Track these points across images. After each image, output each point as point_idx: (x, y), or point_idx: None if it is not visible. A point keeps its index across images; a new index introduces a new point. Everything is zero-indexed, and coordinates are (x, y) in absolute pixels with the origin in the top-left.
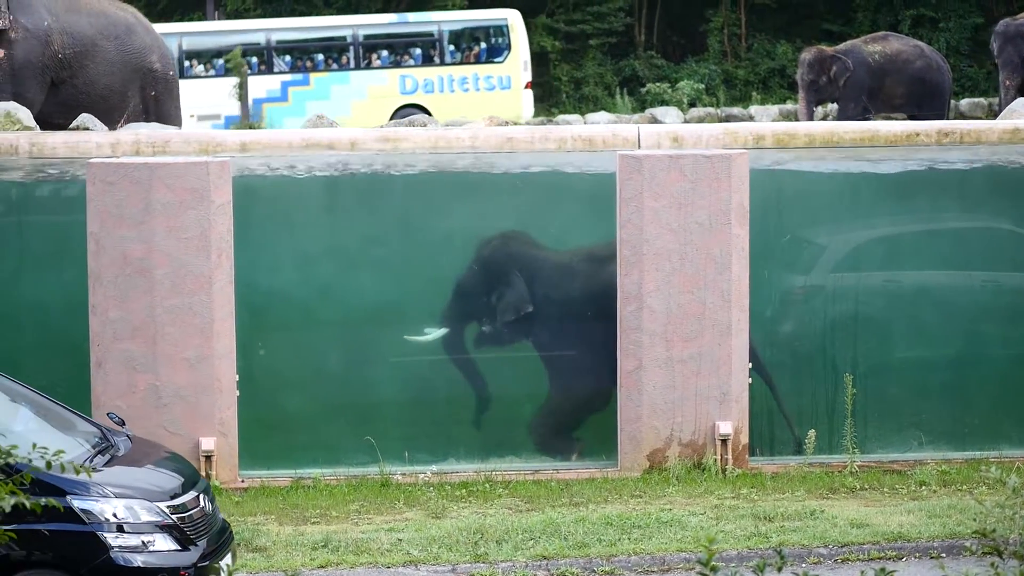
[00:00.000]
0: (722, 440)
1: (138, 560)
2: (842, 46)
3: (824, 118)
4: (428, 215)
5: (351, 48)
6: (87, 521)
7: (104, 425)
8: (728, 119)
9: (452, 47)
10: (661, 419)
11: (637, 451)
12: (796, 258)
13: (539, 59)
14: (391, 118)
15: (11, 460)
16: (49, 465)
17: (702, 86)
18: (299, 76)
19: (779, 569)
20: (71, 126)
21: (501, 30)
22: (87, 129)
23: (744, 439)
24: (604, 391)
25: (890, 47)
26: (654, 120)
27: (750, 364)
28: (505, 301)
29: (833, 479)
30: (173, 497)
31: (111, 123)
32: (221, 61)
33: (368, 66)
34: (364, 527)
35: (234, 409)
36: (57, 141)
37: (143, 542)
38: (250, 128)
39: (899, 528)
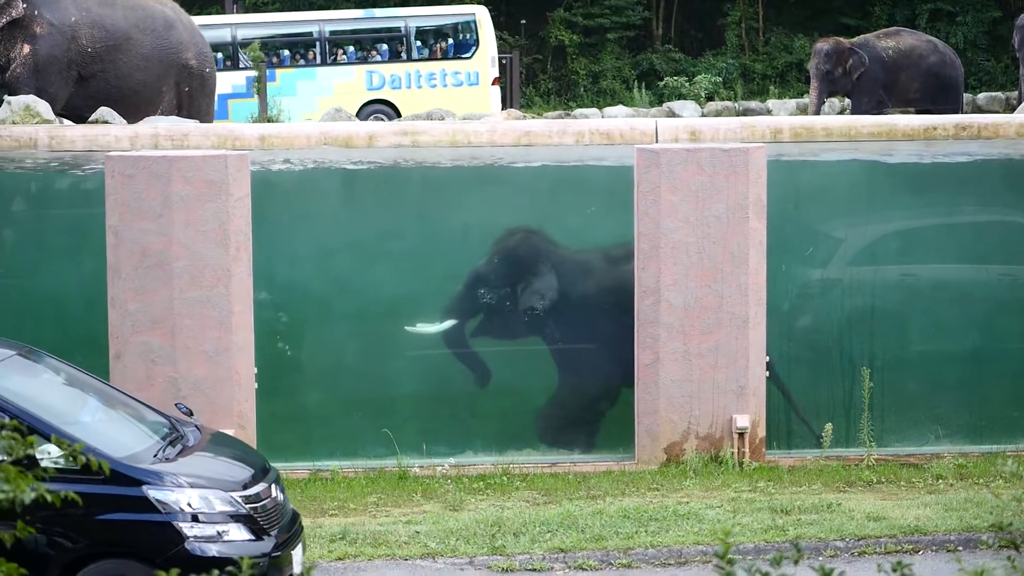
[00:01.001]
0: (739, 433)
1: (213, 550)
2: (855, 40)
3: (842, 111)
4: (446, 208)
5: (317, 44)
6: (163, 511)
7: (172, 415)
8: (745, 113)
9: (419, 43)
10: (678, 412)
11: (654, 444)
12: (813, 251)
13: (557, 53)
14: (357, 114)
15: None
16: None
17: (720, 80)
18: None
19: (796, 562)
20: (90, 119)
21: (469, 26)
22: (106, 122)
23: (761, 432)
24: (612, 388)
25: (904, 42)
26: (671, 114)
27: (767, 373)
28: (529, 291)
29: (850, 472)
30: (245, 487)
31: (144, 116)
32: None
33: (334, 62)
34: (382, 519)
35: (252, 402)
36: (76, 134)
37: (218, 532)
38: (268, 121)
39: (916, 521)
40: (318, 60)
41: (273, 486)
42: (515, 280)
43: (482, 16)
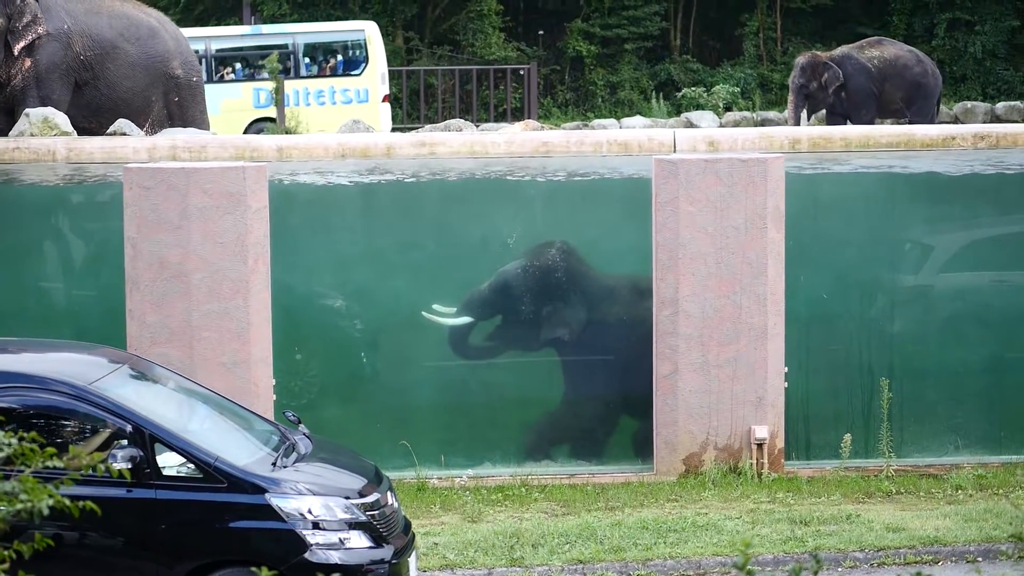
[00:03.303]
0: (758, 444)
1: (335, 557)
2: (837, 52)
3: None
4: (463, 219)
5: (203, 61)
6: (286, 519)
7: (281, 424)
8: (764, 123)
9: (308, 60)
10: (697, 423)
11: (673, 455)
12: (832, 262)
13: (575, 63)
14: (244, 132)
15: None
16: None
17: (738, 90)
18: None
19: (815, 573)
20: (108, 131)
21: (359, 43)
22: (124, 134)
23: (780, 443)
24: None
25: (887, 52)
26: (690, 124)
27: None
28: (558, 318)
29: (869, 483)
30: (362, 495)
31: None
32: None
33: (221, 80)
34: None
35: (271, 414)
36: (94, 146)
37: (339, 540)
38: (286, 133)
39: (935, 532)
40: (204, 78)
41: (388, 493)
42: (540, 294)
43: (372, 32)
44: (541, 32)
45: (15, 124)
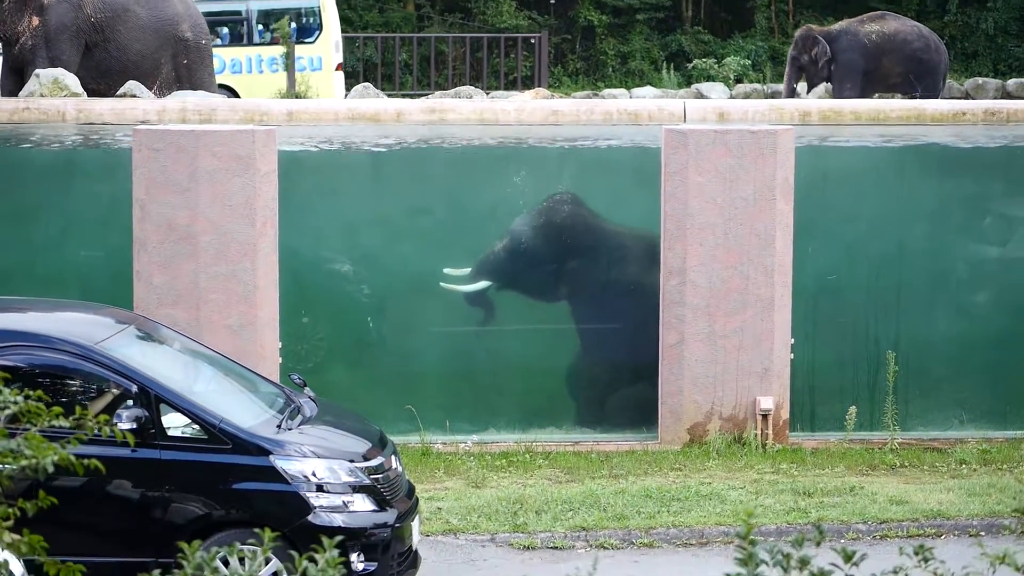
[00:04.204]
0: (763, 415)
1: (339, 520)
2: (837, 26)
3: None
4: (472, 186)
5: None
6: (290, 481)
7: (286, 387)
8: (774, 95)
9: (261, 27)
10: (702, 393)
11: (678, 424)
12: (838, 235)
13: (586, 33)
14: None
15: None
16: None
17: (748, 62)
18: None
19: (818, 544)
20: (118, 93)
21: (312, 10)
22: (134, 96)
23: (785, 414)
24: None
25: (888, 26)
26: (700, 95)
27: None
28: (575, 269)
29: (873, 456)
30: (366, 458)
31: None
32: None
33: None
34: None
35: (276, 376)
36: (104, 107)
37: (343, 502)
38: (296, 98)
39: (938, 506)
40: None
41: (393, 457)
42: (554, 246)
43: (326, 1)
44: (552, 1)
45: (25, 84)
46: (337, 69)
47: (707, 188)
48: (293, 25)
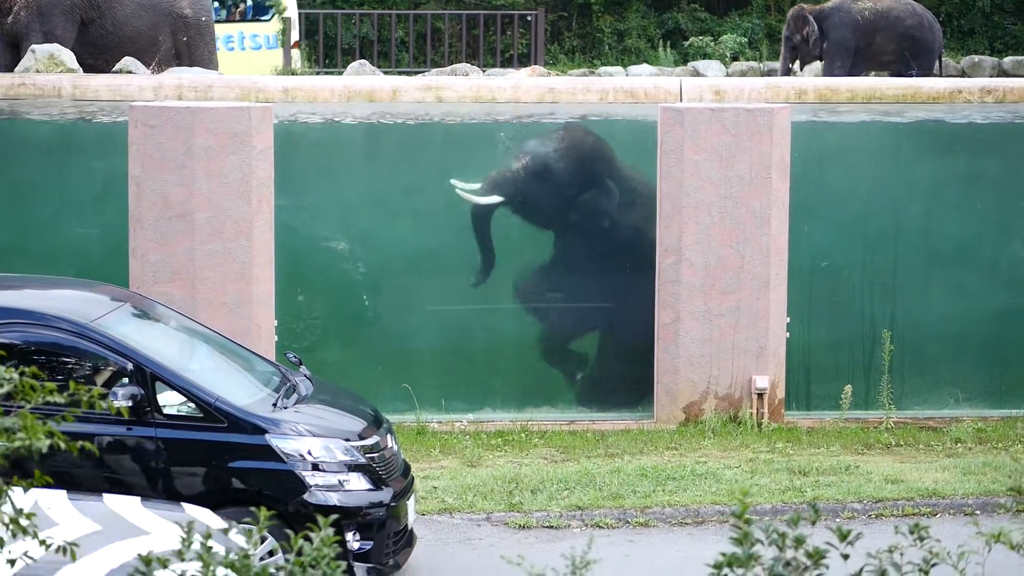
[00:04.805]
0: (758, 394)
1: (334, 499)
2: (830, 3)
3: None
4: (468, 164)
5: None
6: (285, 460)
7: (282, 366)
8: (770, 74)
9: (217, 4)
10: (698, 372)
11: (673, 403)
12: (835, 213)
13: (582, 10)
14: None
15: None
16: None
17: (745, 40)
18: None
19: (813, 523)
20: (114, 69)
21: None
22: (130, 72)
23: (780, 393)
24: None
25: (881, 4)
26: (696, 73)
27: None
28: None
29: (868, 435)
30: (362, 437)
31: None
32: None
33: None
34: None
35: (272, 354)
36: (100, 83)
37: (339, 481)
38: (293, 74)
39: (934, 485)
40: None
41: (388, 436)
42: (569, 174)
43: None
44: None
45: (20, 59)
46: (293, 47)
47: (703, 166)
48: (249, 2)
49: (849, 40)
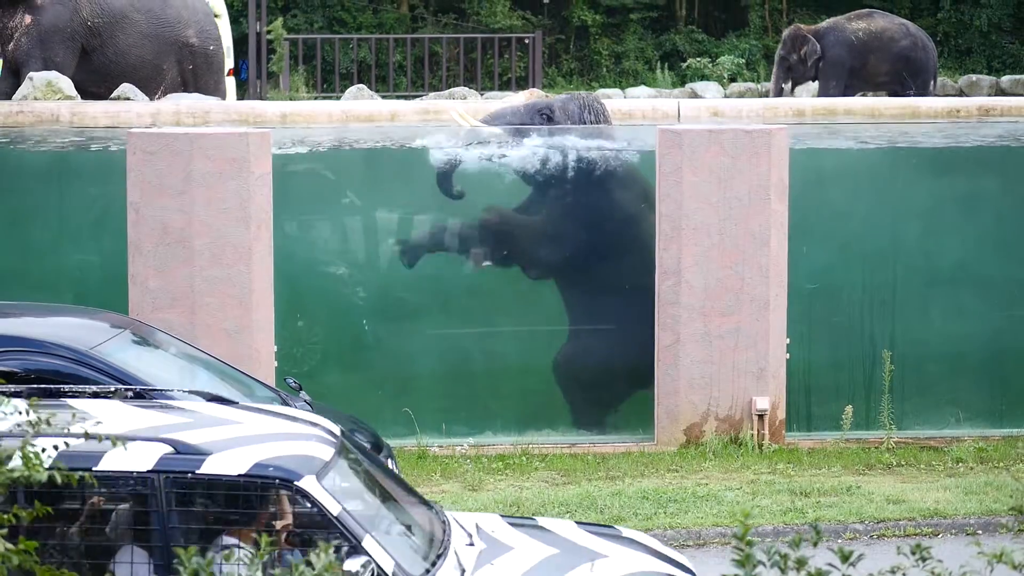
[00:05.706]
0: (759, 415)
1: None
2: (824, 23)
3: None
4: (464, 186)
5: None
6: None
7: (282, 391)
8: (768, 94)
9: None
10: (698, 394)
11: (674, 425)
12: (834, 233)
13: (579, 33)
14: None
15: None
16: None
17: (743, 61)
18: None
19: (815, 544)
20: (112, 96)
21: None
22: (128, 99)
23: (781, 414)
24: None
25: (875, 24)
26: (694, 95)
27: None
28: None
29: (870, 455)
30: None
31: (148, 94)
32: None
33: None
34: None
35: (272, 380)
36: (98, 110)
37: None
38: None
39: (935, 505)
40: None
41: (389, 460)
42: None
43: (218, 7)
44: (546, 1)
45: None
46: (228, 74)
47: (702, 188)
48: None
49: (845, 59)
